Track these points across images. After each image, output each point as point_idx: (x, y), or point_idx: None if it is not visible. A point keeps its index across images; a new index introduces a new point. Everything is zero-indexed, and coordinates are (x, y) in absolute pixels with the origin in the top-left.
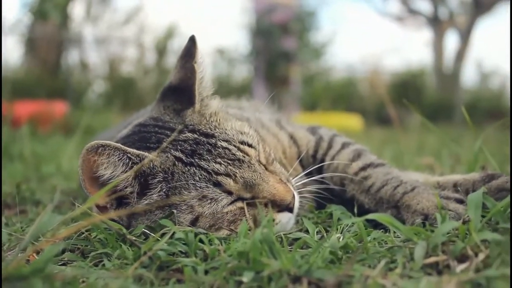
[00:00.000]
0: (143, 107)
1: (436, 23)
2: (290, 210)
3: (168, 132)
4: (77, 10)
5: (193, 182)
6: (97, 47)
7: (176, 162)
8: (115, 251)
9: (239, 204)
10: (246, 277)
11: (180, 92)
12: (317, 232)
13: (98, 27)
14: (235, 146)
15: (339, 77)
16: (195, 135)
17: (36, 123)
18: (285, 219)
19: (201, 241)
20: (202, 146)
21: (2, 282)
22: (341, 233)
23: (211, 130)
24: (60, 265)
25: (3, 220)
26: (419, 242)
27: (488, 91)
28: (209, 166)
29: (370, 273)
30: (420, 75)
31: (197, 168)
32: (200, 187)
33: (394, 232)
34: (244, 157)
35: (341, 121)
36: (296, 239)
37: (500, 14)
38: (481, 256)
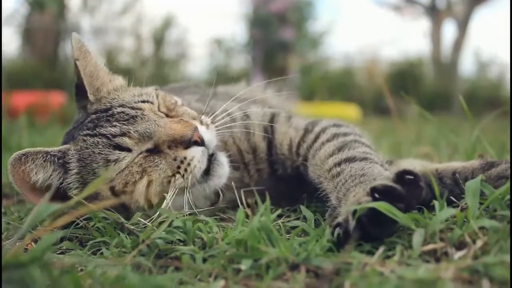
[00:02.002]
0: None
1: (434, 13)
2: (197, 143)
3: (80, 127)
4: (74, 1)
5: (98, 151)
6: (95, 37)
7: (85, 138)
8: (113, 239)
9: (142, 156)
10: (244, 265)
11: (83, 88)
12: (314, 220)
13: (95, 17)
14: (129, 107)
15: (337, 67)
16: (97, 115)
17: (33, 114)
18: (197, 153)
19: (199, 229)
20: (102, 119)
21: (1, 270)
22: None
23: (109, 103)
24: (58, 253)
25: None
26: (417, 230)
27: (486, 81)
28: (106, 131)
29: (368, 261)
30: (418, 64)
31: (99, 137)
32: (104, 154)
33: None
34: (137, 112)
35: (338, 111)
36: (294, 227)
37: (497, 3)
38: (479, 243)
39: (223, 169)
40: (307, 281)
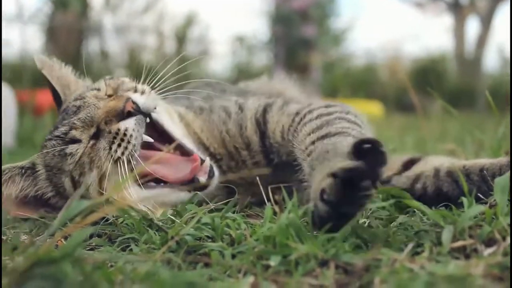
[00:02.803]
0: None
1: (457, 9)
2: (131, 113)
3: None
4: None
5: (57, 152)
6: (117, 35)
7: (46, 143)
8: (142, 236)
9: (90, 145)
10: (273, 261)
11: (57, 94)
12: None
13: (117, 15)
14: (77, 99)
15: (359, 63)
16: (59, 117)
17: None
18: (130, 124)
19: (227, 226)
20: (60, 119)
21: (33, 266)
22: (367, 218)
23: (68, 102)
24: (87, 250)
25: None
26: (446, 226)
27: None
28: (59, 132)
29: (398, 257)
30: (441, 61)
31: (55, 139)
32: (61, 152)
33: (421, 216)
34: (81, 102)
35: (361, 108)
36: None
37: None
38: (509, 239)
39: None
40: (336, 277)
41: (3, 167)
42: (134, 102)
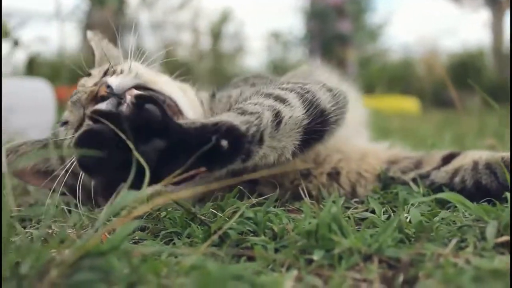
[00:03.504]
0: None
1: (495, 4)
2: (104, 98)
3: None
4: None
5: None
6: (153, 32)
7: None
8: (184, 230)
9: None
10: (316, 255)
11: None
12: (383, 212)
13: (153, 12)
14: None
15: (396, 58)
16: None
17: None
18: (102, 106)
19: (269, 220)
20: None
21: (81, 258)
22: (408, 213)
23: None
24: (131, 243)
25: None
26: (490, 221)
27: None
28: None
29: (442, 252)
30: (479, 56)
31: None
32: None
33: (463, 211)
34: (79, 89)
35: (397, 104)
36: (362, 219)
37: None
38: None
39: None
40: (380, 271)
41: (18, 141)
42: (108, 86)
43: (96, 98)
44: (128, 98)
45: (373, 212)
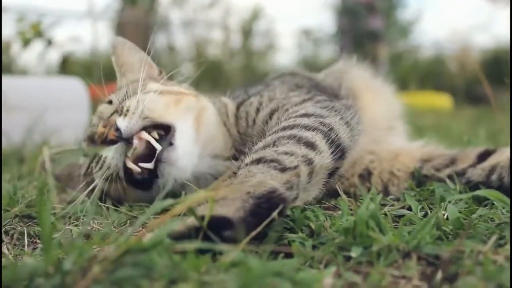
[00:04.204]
0: (230, 89)
1: None
2: (113, 141)
3: None
4: None
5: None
6: (184, 30)
7: None
8: None
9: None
10: (354, 252)
11: None
12: (420, 209)
13: (184, 10)
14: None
15: (427, 55)
16: None
17: None
18: (108, 152)
19: (306, 217)
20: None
21: (123, 255)
22: (445, 210)
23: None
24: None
25: None
26: None
27: None
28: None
29: (482, 249)
30: None
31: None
32: None
33: (501, 209)
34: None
35: (430, 100)
36: (399, 216)
37: None
38: None
39: (176, 154)
40: (420, 268)
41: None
42: (117, 129)
43: (104, 140)
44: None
45: (409, 209)
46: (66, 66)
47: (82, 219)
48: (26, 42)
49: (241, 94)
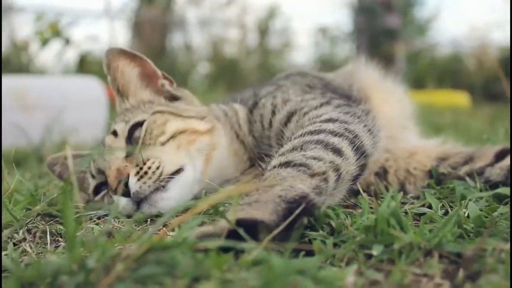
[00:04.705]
0: (246, 88)
1: None
2: (124, 194)
3: None
4: None
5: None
6: (200, 29)
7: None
8: None
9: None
10: (375, 250)
11: None
12: (440, 207)
13: (201, 9)
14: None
15: (445, 53)
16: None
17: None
18: (122, 203)
19: (326, 215)
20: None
21: (147, 252)
22: (465, 208)
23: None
24: None
25: None
26: None
27: None
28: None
29: (504, 247)
30: None
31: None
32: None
33: None
34: (102, 148)
35: (448, 98)
36: (419, 214)
37: None
38: None
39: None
40: (441, 266)
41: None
42: (126, 184)
43: (112, 189)
44: None
45: (429, 207)
46: (84, 65)
47: (103, 218)
48: (44, 42)
49: (251, 97)
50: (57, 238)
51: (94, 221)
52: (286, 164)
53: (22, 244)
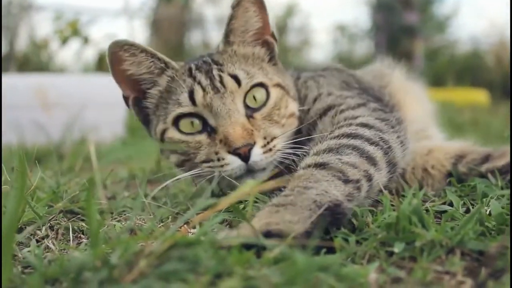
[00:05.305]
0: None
1: None
2: (240, 156)
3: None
4: None
5: (181, 87)
6: (218, 27)
7: (186, 67)
8: None
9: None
10: (397, 248)
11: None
12: (461, 205)
13: (219, 7)
14: (220, 75)
15: (464, 50)
16: (208, 59)
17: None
18: (234, 164)
19: None
20: (205, 66)
21: (170, 249)
22: (487, 206)
23: (219, 60)
24: None
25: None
26: None
27: None
28: (196, 77)
29: None
30: None
31: (190, 77)
32: (180, 92)
33: None
34: (221, 87)
35: (467, 96)
36: (440, 212)
37: None
38: None
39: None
40: (463, 264)
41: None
42: (249, 151)
43: (232, 148)
44: None
45: (450, 205)
46: (103, 64)
47: (125, 215)
48: (64, 40)
49: (294, 74)
50: (79, 235)
51: (116, 217)
52: (322, 166)
53: (45, 241)
